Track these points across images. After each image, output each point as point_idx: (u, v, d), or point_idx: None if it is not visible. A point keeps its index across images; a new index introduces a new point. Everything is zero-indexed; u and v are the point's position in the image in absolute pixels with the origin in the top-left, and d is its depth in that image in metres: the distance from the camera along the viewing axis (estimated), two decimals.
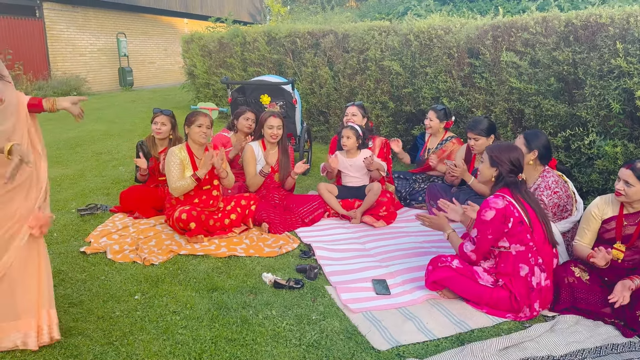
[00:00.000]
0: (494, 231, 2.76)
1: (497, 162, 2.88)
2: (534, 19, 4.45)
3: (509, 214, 2.74)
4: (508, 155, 2.87)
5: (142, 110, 11.26)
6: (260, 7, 25.65)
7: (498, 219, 2.74)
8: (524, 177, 2.92)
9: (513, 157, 2.87)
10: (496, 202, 2.77)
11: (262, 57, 8.25)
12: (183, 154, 3.94)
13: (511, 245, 2.78)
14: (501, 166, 2.86)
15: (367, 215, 4.25)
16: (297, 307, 2.89)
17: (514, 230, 2.75)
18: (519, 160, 2.88)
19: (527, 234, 2.77)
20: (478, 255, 2.86)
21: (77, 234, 3.95)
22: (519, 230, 2.76)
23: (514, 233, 2.76)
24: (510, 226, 2.74)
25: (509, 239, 2.78)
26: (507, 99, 4.76)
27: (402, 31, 5.94)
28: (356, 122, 4.58)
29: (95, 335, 2.59)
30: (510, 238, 2.77)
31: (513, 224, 2.74)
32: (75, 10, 15.05)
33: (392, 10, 10.47)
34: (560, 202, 3.31)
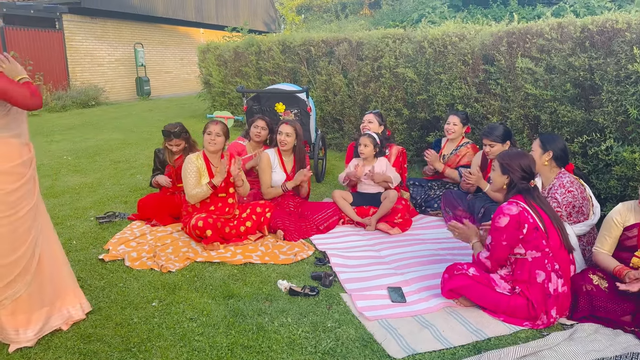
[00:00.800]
0: (508, 238, 2.74)
1: (508, 170, 2.87)
2: (549, 25, 4.43)
3: (523, 220, 2.72)
4: (519, 162, 2.86)
5: (159, 119, 11.40)
6: (275, 16, 25.89)
7: (512, 226, 2.72)
8: (536, 183, 2.91)
9: (524, 163, 2.86)
10: (510, 208, 2.76)
11: (276, 65, 8.32)
12: (200, 162, 3.99)
13: (527, 252, 2.76)
14: (512, 173, 2.86)
15: (382, 223, 4.25)
16: (313, 315, 2.90)
17: (529, 237, 2.73)
18: (530, 167, 2.87)
19: (542, 239, 2.74)
20: (492, 262, 2.84)
21: (95, 241, 4.01)
22: (534, 237, 2.74)
23: (530, 239, 2.74)
24: (525, 232, 2.73)
25: (525, 246, 2.76)
26: (523, 105, 4.73)
27: (416, 38, 5.95)
28: (372, 130, 4.60)
29: (113, 342, 2.63)
30: (525, 244, 2.76)
31: (528, 230, 2.73)
32: (94, 21, 15.35)
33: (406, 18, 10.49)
34: (575, 202, 3.27)
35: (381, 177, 4.38)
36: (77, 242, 3.99)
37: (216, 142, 3.93)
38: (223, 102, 10.14)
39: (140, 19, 16.96)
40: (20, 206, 2.48)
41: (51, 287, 2.66)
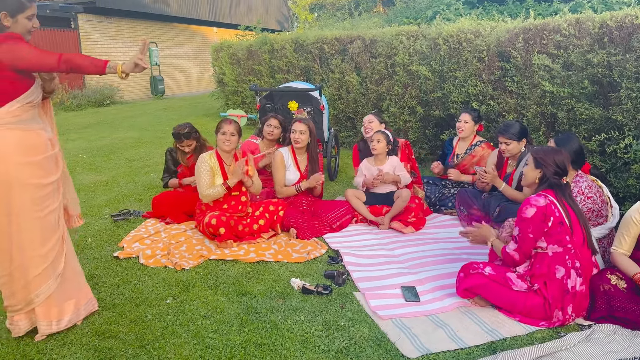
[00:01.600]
0: (534, 230, 2.70)
1: (541, 164, 2.83)
2: (567, 21, 4.35)
3: (550, 212, 2.69)
4: (553, 157, 2.82)
5: (172, 118, 11.47)
6: (288, 15, 25.91)
7: (538, 217, 2.68)
8: (568, 180, 2.87)
9: (558, 159, 2.82)
10: (537, 200, 2.72)
11: (289, 64, 8.32)
12: (213, 161, 3.99)
13: (548, 246, 2.72)
14: (546, 168, 2.82)
15: (396, 221, 4.22)
16: (326, 313, 2.89)
17: (553, 230, 2.69)
18: (564, 163, 2.83)
19: (566, 235, 2.70)
20: (521, 254, 2.78)
21: (110, 239, 4.05)
22: (557, 231, 2.70)
23: (553, 233, 2.70)
24: (550, 225, 2.69)
25: (547, 239, 2.72)
26: (540, 103, 4.66)
27: (430, 35, 5.90)
28: (374, 129, 4.60)
29: (127, 339, 2.64)
30: (548, 238, 2.71)
31: (553, 224, 2.69)
32: (109, 21, 15.49)
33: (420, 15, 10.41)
34: (595, 207, 3.22)
35: (391, 178, 4.35)
36: (92, 239, 4.03)
37: (231, 141, 3.94)
38: (236, 101, 10.16)
39: (154, 18, 17.08)
40: (50, 201, 2.55)
41: (75, 280, 2.76)
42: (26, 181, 2.44)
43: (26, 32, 2.49)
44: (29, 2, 2.45)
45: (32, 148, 2.47)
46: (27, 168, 2.44)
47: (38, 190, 2.49)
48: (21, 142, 2.43)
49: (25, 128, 2.45)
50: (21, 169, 2.42)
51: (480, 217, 4.17)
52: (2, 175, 2.39)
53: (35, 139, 2.49)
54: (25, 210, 2.46)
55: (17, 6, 2.41)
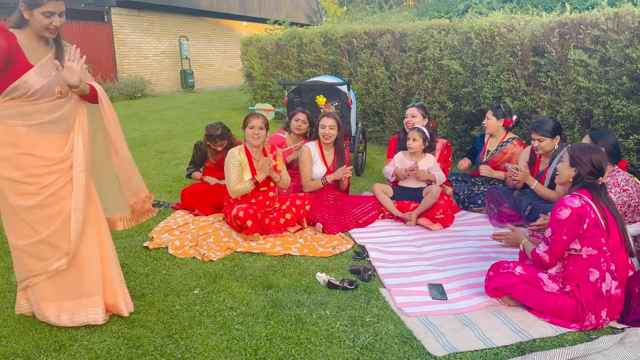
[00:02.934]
0: (568, 232, 2.62)
1: (577, 162, 2.74)
2: (605, 15, 4.22)
3: (585, 214, 2.60)
4: (590, 156, 2.73)
5: (201, 111, 11.60)
6: (317, 9, 25.85)
7: (573, 219, 2.61)
8: (604, 181, 2.78)
9: (595, 158, 2.72)
10: (572, 200, 2.64)
11: (318, 58, 8.30)
12: (242, 156, 4.01)
13: (582, 248, 2.64)
14: (581, 167, 2.73)
15: (423, 218, 4.17)
16: (351, 309, 2.88)
17: (588, 233, 2.61)
18: (600, 163, 2.73)
19: (601, 237, 2.62)
20: (551, 256, 2.72)
21: (140, 229, 4.12)
22: (592, 233, 2.61)
23: (588, 235, 2.62)
24: (585, 227, 2.61)
25: (581, 241, 2.64)
26: (575, 99, 4.53)
27: (462, 29, 5.80)
28: (416, 124, 4.51)
29: (156, 328, 2.69)
30: (582, 240, 2.63)
31: (588, 226, 2.60)
32: (141, 15, 15.74)
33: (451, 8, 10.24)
34: (631, 201, 3.13)
35: (426, 176, 4.29)
36: (122, 230, 4.10)
37: (259, 135, 3.96)
38: (264, 95, 10.21)
39: (185, 13, 17.28)
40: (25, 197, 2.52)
41: (87, 280, 2.67)
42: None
43: (43, 28, 2.41)
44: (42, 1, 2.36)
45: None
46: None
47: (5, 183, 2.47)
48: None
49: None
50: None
51: (511, 216, 4.10)
52: None
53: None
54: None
55: (34, 0, 2.36)
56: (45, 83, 2.46)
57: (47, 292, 2.65)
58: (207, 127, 4.52)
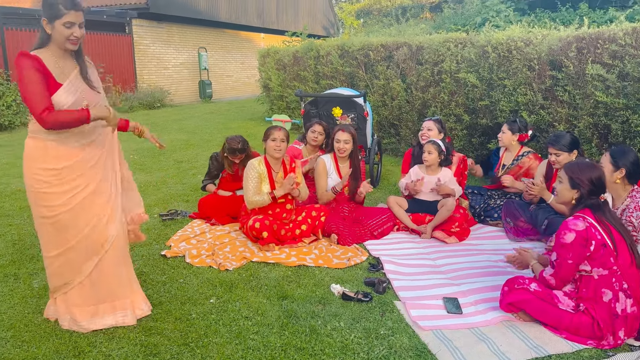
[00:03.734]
0: (574, 255, 2.61)
1: (578, 184, 2.73)
2: (623, 30, 4.21)
3: (591, 236, 2.59)
4: (589, 175, 2.71)
5: (219, 121, 11.75)
6: (334, 21, 26.06)
7: (579, 242, 2.59)
8: (606, 197, 2.76)
9: (594, 176, 2.71)
10: (576, 223, 2.63)
11: (334, 70, 8.37)
12: (261, 168, 4.07)
13: (593, 269, 2.63)
14: (582, 187, 2.71)
15: (439, 231, 4.18)
16: (365, 321, 2.89)
17: (596, 254, 2.60)
18: (600, 180, 2.72)
19: (610, 257, 2.60)
20: (557, 280, 2.72)
21: (158, 237, 4.19)
22: (601, 254, 2.60)
23: (596, 257, 2.60)
24: (593, 249, 2.59)
25: (591, 263, 2.63)
26: (592, 114, 4.52)
27: (479, 43, 5.82)
28: (431, 137, 4.53)
29: (172, 336, 2.73)
30: (591, 262, 2.62)
31: (595, 247, 2.59)
32: (161, 26, 16.03)
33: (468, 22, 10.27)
34: None
35: (446, 190, 4.30)
36: None
37: (281, 148, 4.02)
38: (281, 106, 10.31)
39: (204, 24, 17.56)
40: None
41: (110, 286, 2.81)
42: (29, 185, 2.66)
43: (64, 39, 2.49)
44: (66, 9, 2.43)
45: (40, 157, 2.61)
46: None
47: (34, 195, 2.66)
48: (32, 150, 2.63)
49: (38, 138, 2.60)
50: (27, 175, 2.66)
51: (528, 230, 4.08)
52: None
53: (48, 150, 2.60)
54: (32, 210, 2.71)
55: (55, 12, 2.43)
56: (75, 99, 2.56)
57: (77, 297, 2.76)
58: (228, 140, 4.57)
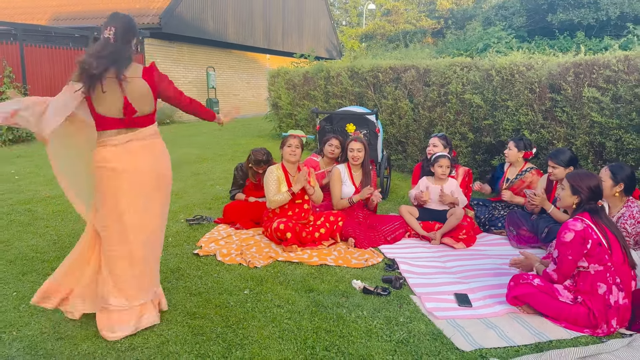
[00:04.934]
0: (573, 252, 2.97)
1: (578, 190, 3.11)
2: (616, 58, 4.64)
3: (588, 236, 2.95)
4: (588, 183, 3.10)
5: (228, 137, 12.15)
6: (336, 44, 26.75)
7: (577, 241, 2.96)
8: (603, 203, 3.13)
9: (593, 184, 3.10)
10: (575, 224, 2.99)
11: (344, 90, 8.81)
12: (279, 172, 4.49)
13: (590, 265, 2.98)
14: (582, 194, 3.10)
15: (447, 237, 4.52)
16: (386, 311, 3.22)
17: (592, 252, 2.96)
18: (598, 187, 3.10)
19: (605, 255, 2.96)
20: (559, 274, 3.07)
21: (188, 239, 4.53)
22: (597, 252, 2.96)
23: (593, 254, 2.96)
24: (589, 247, 2.95)
25: (588, 260, 2.98)
26: (589, 133, 4.92)
27: (483, 67, 6.25)
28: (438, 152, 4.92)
29: (215, 319, 3.06)
30: (589, 258, 2.98)
31: (592, 245, 2.95)
32: (171, 45, 16.56)
33: (470, 47, 10.77)
34: None
35: (450, 199, 4.66)
36: (172, 239, 4.51)
37: (296, 153, 4.47)
38: (289, 123, 10.73)
39: (213, 45, 18.11)
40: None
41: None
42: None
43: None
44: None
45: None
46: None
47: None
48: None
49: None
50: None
51: (529, 238, 4.43)
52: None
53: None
54: None
55: (136, 32, 2.90)
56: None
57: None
58: (254, 152, 4.97)
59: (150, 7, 15.64)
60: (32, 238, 4.45)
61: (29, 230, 4.66)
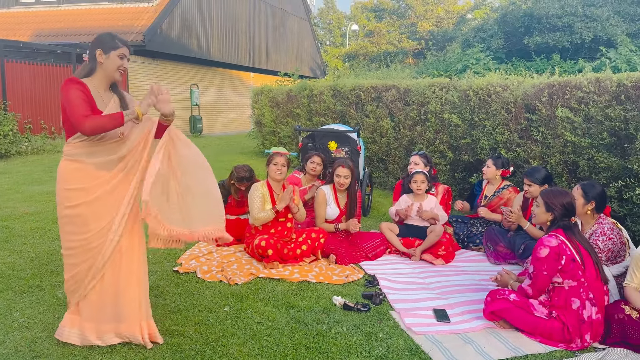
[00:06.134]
0: (548, 268, 3.05)
1: (552, 207, 3.21)
2: (588, 79, 4.81)
3: (562, 251, 3.04)
4: (562, 200, 3.20)
5: (211, 154, 12.14)
6: (320, 63, 27.06)
7: (552, 257, 3.04)
8: (576, 220, 3.23)
9: (566, 202, 3.20)
10: (550, 240, 3.08)
11: (327, 108, 8.92)
12: (264, 189, 4.50)
13: (564, 281, 3.06)
14: (556, 211, 3.19)
15: (427, 254, 4.59)
16: (365, 327, 3.25)
17: (566, 267, 3.04)
18: (571, 204, 3.20)
19: (578, 270, 3.04)
20: (534, 290, 3.14)
21: (168, 256, 4.51)
22: (571, 267, 3.04)
23: (567, 270, 3.05)
24: (564, 263, 3.04)
25: (562, 275, 3.06)
26: (562, 151, 5.06)
27: (461, 87, 6.41)
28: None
29: (194, 337, 3.05)
30: (563, 274, 3.06)
31: (566, 261, 3.04)
32: (155, 63, 16.59)
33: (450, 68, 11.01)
34: (615, 247, 3.55)
35: (429, 215, 4.74)
36: (152, 256, 4.48)
37: (282, 171, 4.48)
38: (273, 141, 10.79)
39: (197, 62, 18.19)
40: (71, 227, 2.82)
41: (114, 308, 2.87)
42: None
43: (115, 68, 2.83)
44: (122, 43, 2.82)
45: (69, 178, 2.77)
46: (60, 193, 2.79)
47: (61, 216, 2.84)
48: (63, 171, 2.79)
49: (73, 160, 2.76)
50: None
51: (507, 254, 4.52)
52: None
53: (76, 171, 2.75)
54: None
55: (113, 44, 2.82)
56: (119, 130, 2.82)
57: (89, 311, 2.87)
58: (236, 169, 4.99)
59: (134, 24, 15.70)
60: (9, 255, 4.39)
61: (6, 248, 4.59)
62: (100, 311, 2.86)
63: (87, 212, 2.76)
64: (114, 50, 2.84)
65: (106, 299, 2.85)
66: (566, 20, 11.67)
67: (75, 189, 2.75)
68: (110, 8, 16.71)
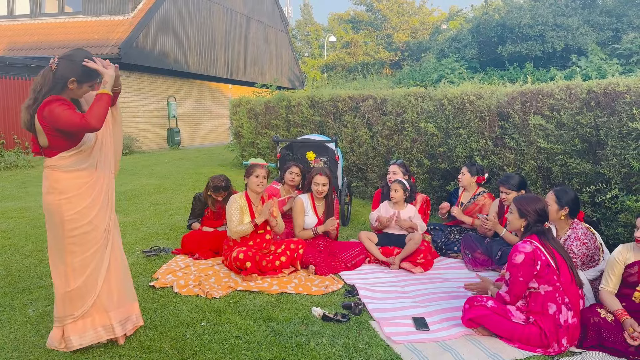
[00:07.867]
0: (524, 273, 3.08)
1: (525, 213, 3.25)
2: (559, 87, 4.91)
3: (537, 257, 3.07)
4: (534, 206, 3.24)
5: (189, 167, 12.05)
6: (299, 74, 27.16)
7: (527, 262, 3.07)
8: (549, 225, 3.27)
9: (539, 207, 3.24)
10: (524, 246, 3.12)
11: (305, 118, 8.93)
12: (242, 201, 4.45)
13: (540, 286, 3.09)
14: (529, 217, 3.23)
15: (406, 262, 4.59)
16: (345, 337, 3.23)
17: (542, 273, 3.07)
18: (544, 210, 3.25)
19: (554, 275, 3.08)
20: (511, 296, 3.16)
21: (144, 271, 4.43)
22: (546, 272, 3.07)
23: (542, 275, 3.08)
24: (539, 268, 3.07)
25: (538, 280, 3.09)
26: (536, 158, 5.15)
27: (437, 96, 6.49)
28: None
29: (171, 353, 2.99)
30: (538, 279, 3.09)
31: (541, 267, 3.07)
32: (132, 75, 16.41)
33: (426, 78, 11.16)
34: (589, 252, 3.60)
35: (407, 224, 4.76)
36: None
37: (263, 184, 4.45)
38: (252, 152, 10.75)
39: (174, 74, 18.07)
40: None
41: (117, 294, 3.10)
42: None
43: (83, 94, 2.96)
44: (97, 77, 2.90)
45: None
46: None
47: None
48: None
49: (69, 170, 2.89)
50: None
51: (484, 261, 4.56)
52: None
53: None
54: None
55: (90, 80, 2.90)
56: (93, 134, 2.97)
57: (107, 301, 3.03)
58: (212, 179, 4.94)
59: (109, 37, 15.54)
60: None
61: None
62: (110, 298, 3.05)
63: (87, 211, 2.96)
64: (87, 83, 2.93)
65: (112, 285, 3.07)
66: (538, 29, 11.96)
67: (74, 195, 2.90)
68: (85, 21, 16.52)
